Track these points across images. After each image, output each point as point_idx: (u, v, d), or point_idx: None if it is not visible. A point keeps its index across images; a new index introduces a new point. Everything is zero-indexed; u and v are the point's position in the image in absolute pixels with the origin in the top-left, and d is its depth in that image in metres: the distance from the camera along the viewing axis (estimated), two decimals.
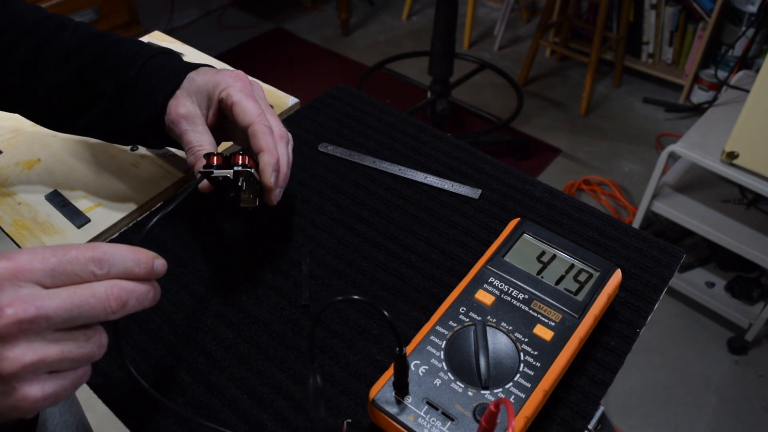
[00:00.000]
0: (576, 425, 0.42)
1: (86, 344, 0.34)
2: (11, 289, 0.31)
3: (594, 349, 0.47)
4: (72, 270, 0.33)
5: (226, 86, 0.49)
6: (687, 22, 2.33)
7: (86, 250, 0.34)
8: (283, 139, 0.50)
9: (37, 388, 0.32)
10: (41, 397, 0.32)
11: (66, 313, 0.32)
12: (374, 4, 3.03)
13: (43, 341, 0.32)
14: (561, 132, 2.29)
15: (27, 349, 0.31)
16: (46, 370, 0.33)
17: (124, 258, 0.35)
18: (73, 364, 0.34)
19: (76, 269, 0.33)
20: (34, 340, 0.32)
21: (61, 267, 0.33)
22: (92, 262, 0.34)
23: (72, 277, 0.33)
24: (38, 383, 0.32)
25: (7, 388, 0.31)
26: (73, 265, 0.33)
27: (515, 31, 2.84)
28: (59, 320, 0.32)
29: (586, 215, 0.57)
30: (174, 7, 2.79)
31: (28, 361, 0.31)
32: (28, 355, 0.31)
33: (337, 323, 0.49)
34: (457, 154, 0.64)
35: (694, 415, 1.48)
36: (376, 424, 0.41)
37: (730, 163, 1.36)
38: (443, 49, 1.90)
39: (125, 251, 0.35)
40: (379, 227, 0.56)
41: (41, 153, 0.63)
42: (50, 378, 0.33)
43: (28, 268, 0.32)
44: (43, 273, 0.32)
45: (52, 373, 0.33)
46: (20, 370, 0.31)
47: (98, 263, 0.34)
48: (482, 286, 0.46)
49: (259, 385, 0.45)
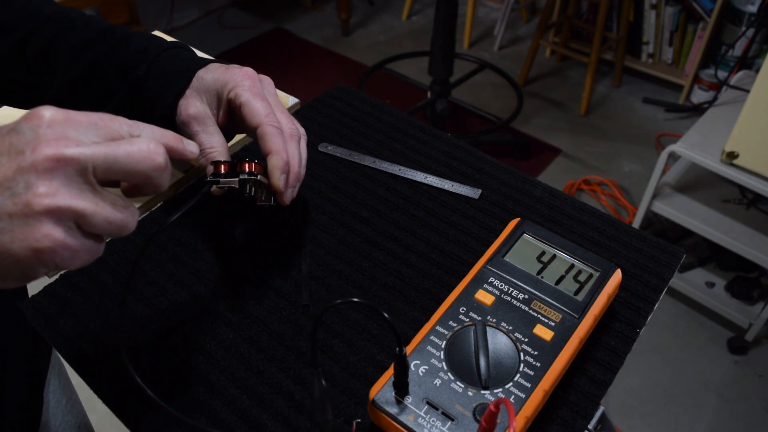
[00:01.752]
0: (576, 425, 0.42)
1: (122, 210, 0.34)
2: (60, 128, 0.32)
3: (594, 349, 0.47)
4: (112, 126, 0.35)
5: (234, 85, 0.49)
6: (687, 22, 2.33)
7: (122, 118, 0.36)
8: (294, 137, 0.49)
9: (61, 231, 0.31)
10: (62, 241, 0.31)
11: (106, 158, 0.33)
12: (374, 4, 3.03)
13: (81, 188, 0.32)
14: (561, 132, 2.29)
15: (62, 189, 0.31)
16: (76, 219, 0.32)
17: (154, 128, 0.38)
18: (104, 225, 0.33)
19: (115, 125, 0.35)
20: (73, 184, 0.32)
21: (102, 122, 0.34)
22: (126, 124, 0.36)
23: (111, 131, 0.35)
24: (64, 228, 0.32)
25: (33, 221, 0.31)
26: (113, 122, 0.35)
27: (515, 31, 2.84)
28: (100, 166, 0.32)
29: (586, 215, 0.57)
30: (174, 7, 2.79)
31: (62, 202, 0.31)
32: (61, 195, 0.31)
33: (337, 323, 0.49)
34: (457, 154, 0.64)
35: (694, 415, 1.48)
36: (376, 424, 0.41)
37: (730, 163, 1.36)
38: (443, 49, 1.90)
39: (154, 127, 0.38)
40: (379, 227, 0.56)
41: None
42: (76, 231, 0.32)
43: (76, 118, 0.33)
44: (87, 124, 0.33)
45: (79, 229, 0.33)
46: (52, 206, 0.31)
47: (131, 126, 0.36)
48: (482, 286, 0.46)
49: (259, 385, 0.45)
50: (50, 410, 0.64)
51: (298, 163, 0.48)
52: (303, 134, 0.51)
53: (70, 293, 0.51)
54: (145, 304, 0.50)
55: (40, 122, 0.32)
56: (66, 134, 0.32)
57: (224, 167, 0.46)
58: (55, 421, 0.65)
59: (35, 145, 0.31)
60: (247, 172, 0.45)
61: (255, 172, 0.46)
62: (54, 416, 0.65)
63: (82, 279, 0.52)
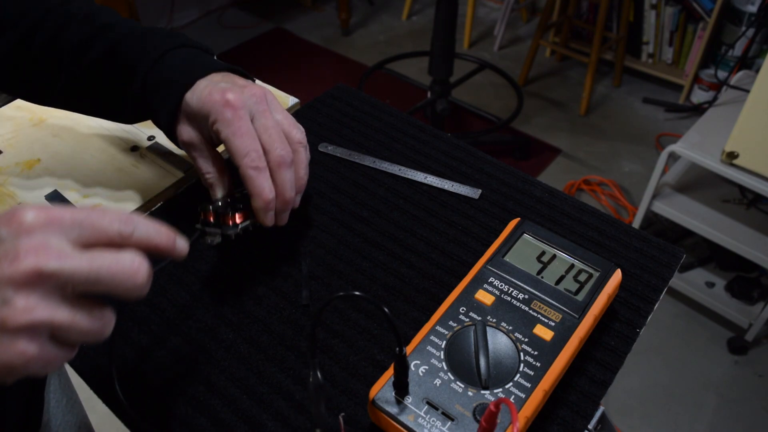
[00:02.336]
0: (576, 425, 0.42)
1: (98, 320, 0.33)
2: (41, 236, 0.30)
3: (594, 349, 0.47)
4: (99, 224, 0.33)
5: (215, 119, 0.47)
6: (687, 22, 2.33)
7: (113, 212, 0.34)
8: (283, 164, 0.48)
9: (35, 347, 0.30)
10: (36, 357, 0.30)
11: (87, 274, 0.31)
12: (374, 4, 3.03)
13: (58, 301, 0.31)
14: (561, 132, 2.29)
15: (40, 303, 0.30)
16: (52, 331, 0.31)
17: (148, 225, 0.35)
18: (78, 336, 0.32)
19: (103, 224, 0.33)
20: (50, 296, 0.30)
21: (89, 220, 0.32)
22: (118, 220, 0.33)
23: (98, 233, 0.33)
24: (39, 343, 0.30)
25: (8, 337, 0.29)
26: (101, 220, 0.33)
27: (515, 31, 2.84)
28: (79, 281, 0.31)
29: (586, 215, 0.57)
30: (174, 7, 2.79)
31: (39, 317, 0.30)
32: (39, 310, 0.30)
33: (337, 323, 0.49)
34: (457, 154, 0.64)
35: (694, 415, 1.48)
36: (376, 424, 0.41)
37: (730, 163, 1.36)
38: (443, 49, 1.90)
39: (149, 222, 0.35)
40: (379, 227, 0.56)
41: (41, 153, 0.63)
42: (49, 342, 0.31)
43: (60, 217, 0.31)
44: (71, 223, 0.32)
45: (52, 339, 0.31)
46: (29, 323, 0.29)
47: (124, 222, 0.34)
48: (482, 286, 0.46)
49: (259, 385, 0.45)
50: (50, 410, 0.64)
51: (288, 189, 0.48)
52: (297, 152, 0.50)
53: None
54: (145, 304, 0.50)
55: (20, 228, 0.31)
56: (47, 243, 0.30)
57: (211, 216, 0.48)
58: (55, 421, 0.65)
59: (14, 256, 0.29)
60: (230, 226, 0.48)
61: (237, 224, 0.48)
62: (54, 416, 0.65)
63: None
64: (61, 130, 0.66)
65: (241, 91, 0.48)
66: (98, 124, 0.67)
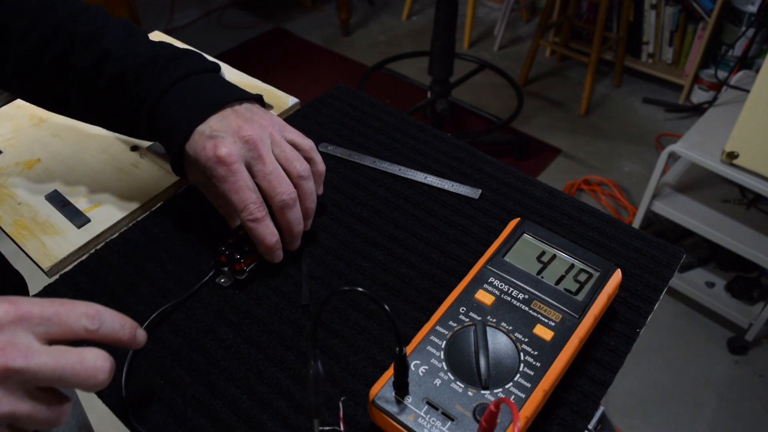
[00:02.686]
0: (576, 425, 0.42)
1: (56, 409, 0.34)
2: (9, 333, 0.32)
3: (594, 349, 0.47)
4: (66, 321, 0.34)
5: (210, 174, 0.48)
6: (687, 22, 2.33)
7: (82, 305, 0.35)
8: (286, 206, 0.49)
9: None
10: None
11: (52, 372, 0.32)
12: (374, 4, 3.03)
13: (20, 395, 0.32)
14: (561, 132, 2.29)
15: (4, 398, 0.31)
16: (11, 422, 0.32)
17: (113, 320, 0.36)
18: (36, 425, 0.33)
19: (70, 320, 0.34)
20: (13, 391, 0.31)
21: (57, 317, 0.34)
22: (86, 316, 0.35)
23: (64, 329, 0.34)
24: None
25: None
26: (68, 316, 0.34)
27: (515, 31, 2.84)
28: (43, 378, 0.32)
29: (586, 215, 0.57)
30: (174, 7, 2.79)
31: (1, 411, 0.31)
32: (3, 404, 0.31)
33: (337, 323, 0.49)
34: (457, 154, 0.64)
35: (694, 415, 1.48)
36: (376, 424, 0.41)
37: (730, 163, 1.36)
38: (443, 49, 1.90)
39: (114, 314, 0.37)
40: (379, 227, 0.56)
41: (41, 153, 0.63)
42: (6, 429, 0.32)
43: (28, 315, 0.33)
44: (39, 320, 0.33)
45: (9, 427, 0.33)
46: None
47: (91, 318, 0.35)
48: (482, 286, 0.46)
49: (259, 385, 0.45)
50: None
51: (295, 226, 0.50)
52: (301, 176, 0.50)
53: (70, 293, 0.51)
54: (145, 304, 0.50)
55: None
56: (14, 340, 0.32)
57: (222, 258, 0.51)
58: None
59: None
60: (239, 272, 0.51)
61: (245, 270, 0.51)
62: None
63: (82, 279, 0.52)
64: (61, 130, 0.66)
65: (234, 141, 0.48)
66: None
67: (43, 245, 0.54)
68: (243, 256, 0.50)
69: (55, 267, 0.53)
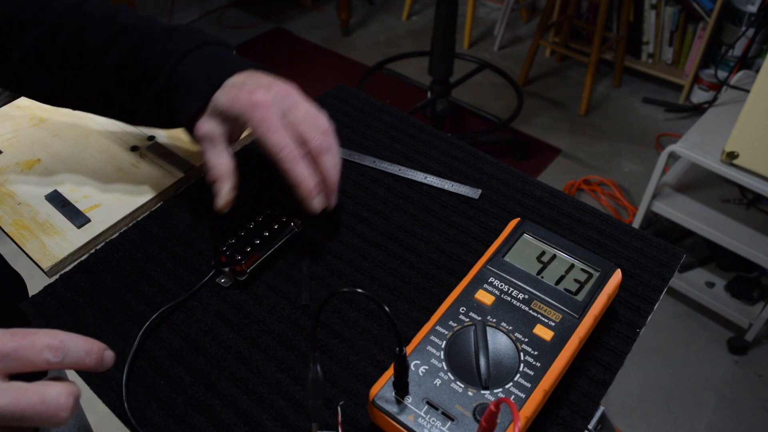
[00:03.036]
0: (576, 425, 0.42)
1: None
2: None
3: (594, 349, 0.47)
4: (26, 356, 0.32)
5: (246, 119, 0.49)
6: (687, 22, 2.33)
7: (44, 336, 0.33)
8: (324, 150, 0.50)
9: None
10: None
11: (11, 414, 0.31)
12: (374, 4, 3.03)
13: None
14: (561, 132, 2.29)
15: None
16: None
17: (78, 348, 0.34)
18: None
19: (30, 355, 0.33)
20: None
21: (17, 353, 0.32)
22: (48, 349, 0.33)
23: (24, 364, 0.32)
24: None
25: None
26: (29, 351, 0.32)
27: (515, 31, 2.84)
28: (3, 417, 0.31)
29: (586, 215, 0.57)
30: (174, 7, 2.79)
31: None
32: None
33: (337, 323, 0.49)
34: (457, 154, 0.64)
35: (694, 415, 1.48)
36: (376, 424, 0.41)
37: (730, 163, 1.36)
38: (443, 49, 1.90)
39: (79, 341, 0.35)
40: (379, 227, 0.56)
41: (41, 153, 0.63)
42: None
43: None
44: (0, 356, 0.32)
45: None
46: None
47: (54, 351, 0.33)
48: (482, 286, 0.46)
49: (259, 385, 0.45)
50: None
51: (334, 172, 0.50)
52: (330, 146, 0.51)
53: (70, 293, 0.51)
54: (145, 304, 0.50)
55: None
56: None
57: (223, 258, 0.50)
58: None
59: None
60: (239, 273, 0.51)
61: (246, 271, 0.51)
62: None
63: (82, 279, 0.52)
64: (61, 130, 0.66)
65: (267, 90, 0.50)
66: (99, 123, 0.67)
67: (43, 245, 0.54)
68: (244, 256, 0.50)
69: (55, 267, 0.53)
